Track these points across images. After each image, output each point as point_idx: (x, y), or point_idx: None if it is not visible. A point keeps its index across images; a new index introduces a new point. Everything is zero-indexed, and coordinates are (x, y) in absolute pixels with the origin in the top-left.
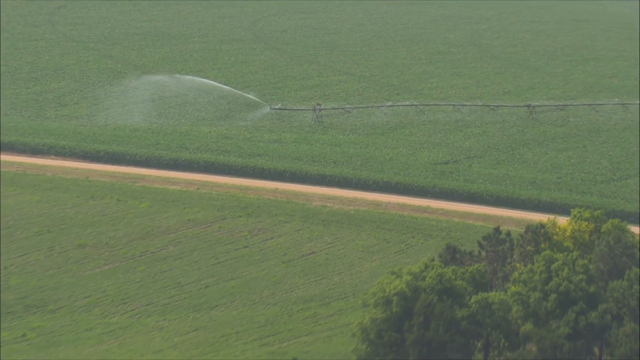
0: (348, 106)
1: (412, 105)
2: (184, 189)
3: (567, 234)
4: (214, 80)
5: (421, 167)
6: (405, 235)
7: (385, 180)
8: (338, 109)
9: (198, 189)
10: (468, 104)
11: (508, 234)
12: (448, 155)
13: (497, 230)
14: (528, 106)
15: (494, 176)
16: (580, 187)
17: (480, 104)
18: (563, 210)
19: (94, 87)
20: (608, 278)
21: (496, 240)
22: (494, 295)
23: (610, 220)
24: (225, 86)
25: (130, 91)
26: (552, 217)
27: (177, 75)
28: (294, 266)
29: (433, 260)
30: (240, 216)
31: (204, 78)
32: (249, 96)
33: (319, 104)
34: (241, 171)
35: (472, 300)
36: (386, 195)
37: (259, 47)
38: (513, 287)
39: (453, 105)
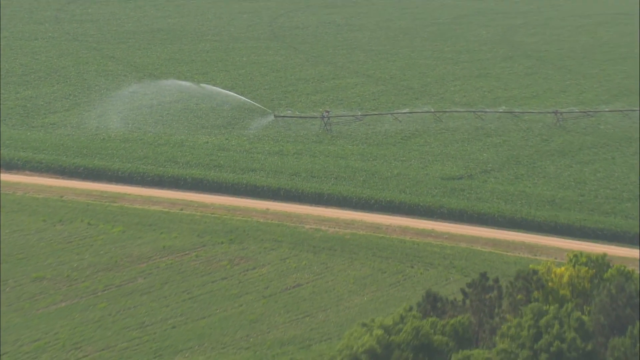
0: (359, 114)
1: (428, 112)
2: (166, 210)
3: (564, 280)
4: (218, 86)
5: (430, 184)
6: (403, 265)
7: (388, 199)
8: (348, 116)
9: (181, 209)
10: (490, 110)
11: (496, 280)
12: (462, 169)
13: (483, 276)
14: (555, 112)
15: (509, 194)
16: (603, 206)
17: (503, 110)
18: (582, 233)
19: (89, 92)
20: (609, 333)
21: (482, 287)
22: (478, 354)
23: (615, 266)
24: (228, 91)
25: (128, 96)
26: (548, 260)
27: (176, 81)
28: (275, 302)
29: (411, 309)
30: (222, 242)
31: (206, 83)
32: (253, 103)
33: (328, 111)
34: (232, 189)
35: (453, 358)
36: (388, 216)
37: (275, 46)
38: (500, 344)
39: (473, 111)
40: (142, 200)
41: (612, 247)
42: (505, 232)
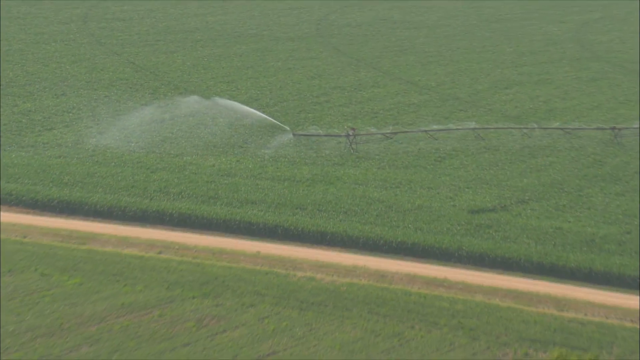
0: (389, 131)
1: (467, 129)
2: (140, 254)
3: None
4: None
5: (454, 218)
6: (402, 325)
7: (400, 240)
8: (376, 134)
9: (159, 252)
10: (538, 126)
11: None
12: (496, 199)
13: None
14: (612, 129)
15: (542, 231)
16: None
17: (556, 125)
18: (621, 282)
19: (96, 105)
20: None
21: None
22: None
23: None
24: (245, 106)
25: (137, 110)
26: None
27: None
28: None
29: None
30: (193, 297)
31: (231, 92)
32: (270, 119)
33: (353, 129)
34: (224, 226)
35: None
36: (397, 261)
37: (317, 47)
38: None
39: (520, 128)
40: (116, 241)
41: None
42: (531, 280)
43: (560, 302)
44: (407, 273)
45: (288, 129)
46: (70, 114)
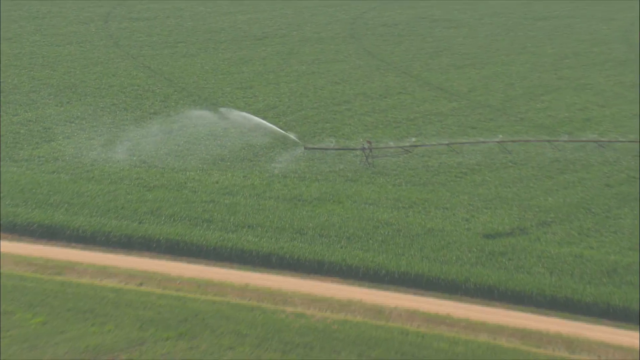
0: (408, 144)
1: (492, 142)
2: (118, 287)
3: None
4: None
5: (466, 244)
6: None
7: (403, 270)
8: (393, 148)
9: (140, 284)
10: (569, 139)
11: None
12: (515, 221)
13: None
14: None
15: (560, 259)
16: None
17: (588, 138)
18: None
19: (102, 114)
20: None
21: None
22: None
23: None
24: (256, 117)
25: (145, 119)
26: None
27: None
28: None
29: None
30: (167, 338)
31: (248, 98)
32: (280, 131)
33: (369, 142)
34: (214, 254)
35: None
36: (397, 294)
37: (347, 49)
38: None
39: (549, 141)
40: (94, 271)
41: None
42: (542, 317)
43: (572, 343)
44: (407, 308)
45: (299, 142)
46: (73, 124)
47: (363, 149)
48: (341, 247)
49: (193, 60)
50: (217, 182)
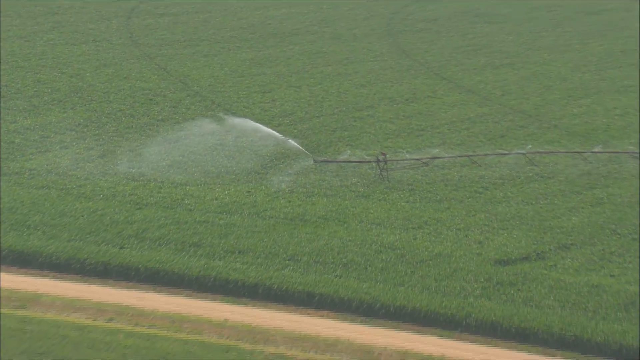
0: (426, 157)
1: (517, 153)
2: (85, 323)
3: None
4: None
5: (474, 272)
6: None
7: (399, 303)
8: (409, 160)
9: (110, 320)
10: (601, 150)
11: None
12: (532, 244)
13: None
14: None
15: (575, 290)
16: None
17: (623, 149)
18: None
19: (107, 120)
20: None
21: None
22: None
23: None
24: (265, 127)
25: (153, 125)
26: None
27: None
28: None
29: None
30: None
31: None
32: (291, 141)
33: (384, 154)
34: (196, 284)
35: None
36: (390, 330)
37: (379, 48)
38: None
39: (580, 152)
40: (61, 304)
41: None
42: (547, 358)
43: None
44: (398, 349)
45: (309, 154)
46: (73, 133)
47: (377, 161)
48: (336, 277)
49: (213, 61)
50: (216, 199)
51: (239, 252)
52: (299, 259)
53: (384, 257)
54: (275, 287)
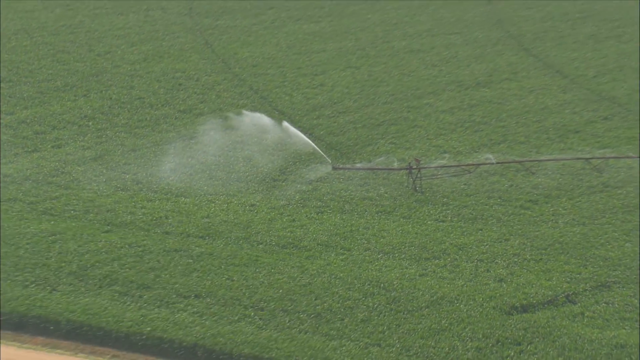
0: (467, 163)
1: (577, 159)
2: None
3: None
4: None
5: (473, 326)
6: None
7: None
8: (450, 167)
9: None
10: None
11: None
12: (565, 282)
13: None
14: None
15: (594, 351)
16: None
17: None
18: None
19: (119, 112)
20: None
21: None
22: None
23: None
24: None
25: (171, 118)
26: None
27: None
28: None
29: None
30: None
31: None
32: (313, 145)
33: (418, 161)
34: (126, 341)
35: None
36: None
37: (471, 16)
38: None
39: None
40: None
41: None
42: None
43: None
44: None
45: (329, 160)
46: (75, 127)
47: (409, 168)
48: (300, 332)
49: (272, 35)
50: (207, 217)
51: (195, 297)
52: (263, 307)
53: (370, 303)
54: (218, 349)
